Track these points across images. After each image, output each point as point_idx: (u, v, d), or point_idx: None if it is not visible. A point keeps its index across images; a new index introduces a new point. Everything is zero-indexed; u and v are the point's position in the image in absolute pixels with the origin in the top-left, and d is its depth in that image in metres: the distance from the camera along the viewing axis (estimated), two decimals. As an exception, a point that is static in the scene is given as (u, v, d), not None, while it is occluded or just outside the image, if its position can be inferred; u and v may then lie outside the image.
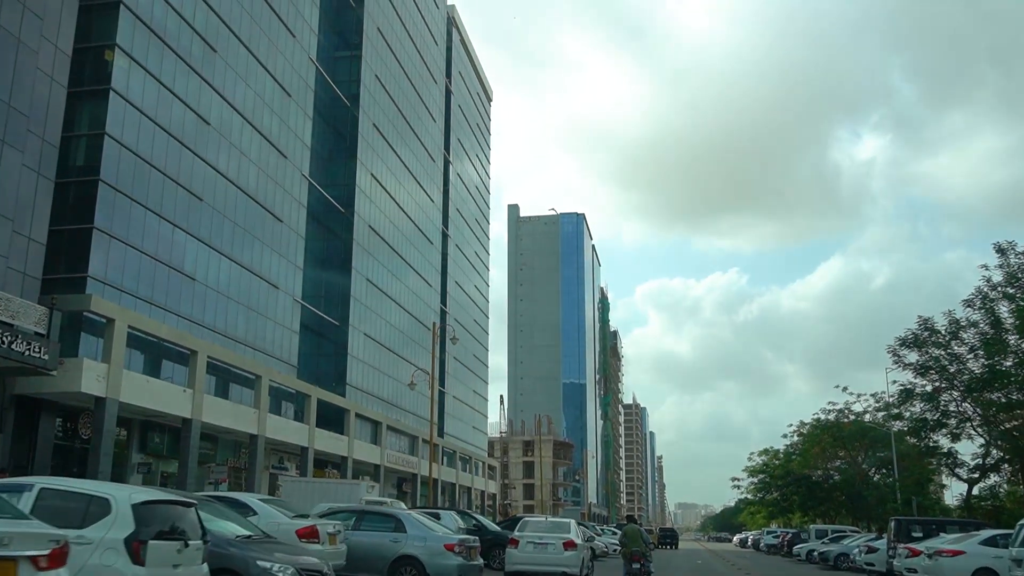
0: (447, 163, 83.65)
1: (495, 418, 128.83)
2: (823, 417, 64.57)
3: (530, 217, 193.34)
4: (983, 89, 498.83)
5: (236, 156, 43.13)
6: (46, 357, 27.25)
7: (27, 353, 26.44)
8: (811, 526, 48.25)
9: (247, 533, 11.28)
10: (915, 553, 22.34)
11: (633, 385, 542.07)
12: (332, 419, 53.61)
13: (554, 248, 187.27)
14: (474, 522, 27.30)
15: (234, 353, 41.15)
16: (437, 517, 24.39)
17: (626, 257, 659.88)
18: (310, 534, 13.37)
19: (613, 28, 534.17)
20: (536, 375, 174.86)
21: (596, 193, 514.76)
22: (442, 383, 78.61)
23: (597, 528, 46.24)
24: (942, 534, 24.89)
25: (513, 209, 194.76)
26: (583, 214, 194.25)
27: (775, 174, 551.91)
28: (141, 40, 35.55)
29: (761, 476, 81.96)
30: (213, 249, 40.54)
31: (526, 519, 21.89)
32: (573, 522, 20.91)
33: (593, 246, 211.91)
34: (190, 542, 8.78)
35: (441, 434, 77.09)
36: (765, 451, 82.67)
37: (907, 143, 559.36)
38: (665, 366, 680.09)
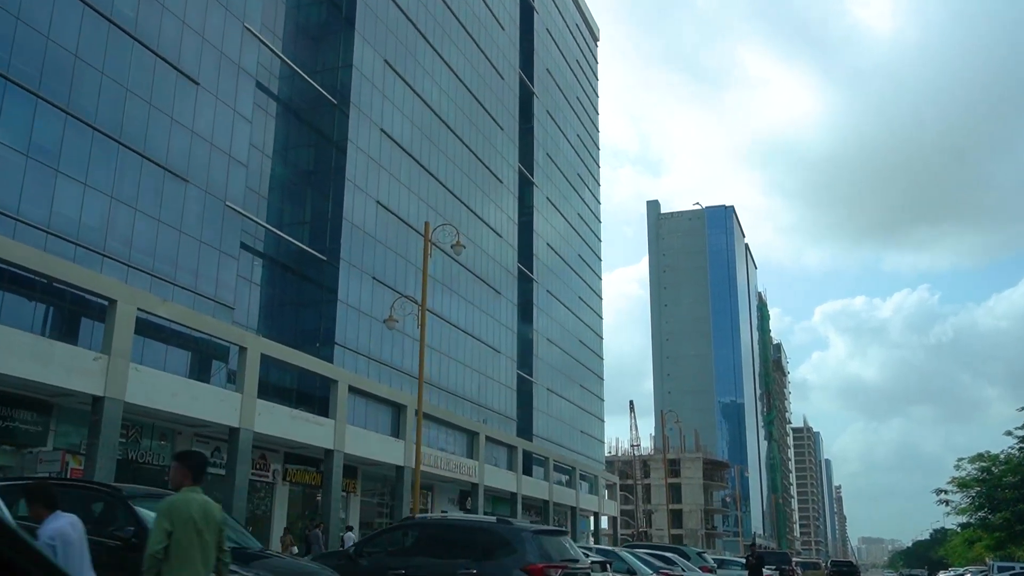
0: (530, 92, 65.64)
1: (626, 433, 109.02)
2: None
3: (672, 213, 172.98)
4: None
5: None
6: None
7: None
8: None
9: None
10: None
11: (814, 412, 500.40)
12: (320, 397, 36.60)
13: (701, 247, 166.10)
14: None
15: (67, 263, 24.42)
16: None
17: (804, 277, 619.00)
18: None
19: (792, 40, 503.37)
20: (685, 389, 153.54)
21: (780, 214, 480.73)
22: (527, 369, 60.12)
23: (709, 558, 26.65)
24: None
25: (653, 205, 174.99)
26: (732, 207, 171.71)
27: (974, 180, 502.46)
28: None
29: (977, 490, 60.88)
30: (41, 98, 24.17)
31: None
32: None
33: (747, 245, 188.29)
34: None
35: (528, 436, 58.59)
36: (979, 456, 61.15)
37: None
38: (848, 391, 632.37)
